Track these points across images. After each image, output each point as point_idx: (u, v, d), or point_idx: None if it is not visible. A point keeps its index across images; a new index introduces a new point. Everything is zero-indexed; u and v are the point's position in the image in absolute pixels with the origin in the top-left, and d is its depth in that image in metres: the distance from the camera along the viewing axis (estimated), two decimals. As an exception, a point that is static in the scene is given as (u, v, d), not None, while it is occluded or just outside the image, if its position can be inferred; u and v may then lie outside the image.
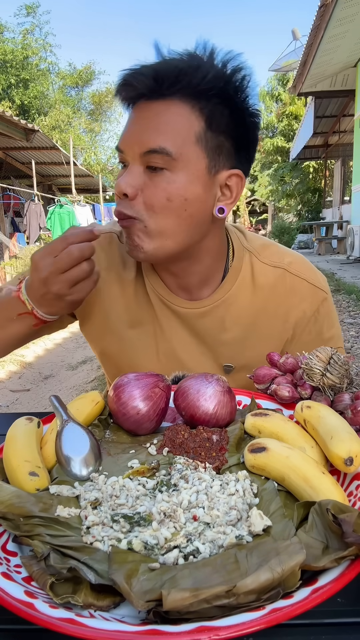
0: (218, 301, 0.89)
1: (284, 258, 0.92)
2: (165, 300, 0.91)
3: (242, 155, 0.81)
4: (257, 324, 0.91)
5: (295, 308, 0.90)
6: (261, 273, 0.90)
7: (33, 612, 0.37)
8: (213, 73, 0.74)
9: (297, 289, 0.90)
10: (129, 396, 0.66)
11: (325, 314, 0.92)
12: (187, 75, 0.73)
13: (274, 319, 0.91)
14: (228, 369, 0.92)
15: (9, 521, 0.47)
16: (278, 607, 0.37)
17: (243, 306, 0.90)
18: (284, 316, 0.90)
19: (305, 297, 0.90)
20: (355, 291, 6.14)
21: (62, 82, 25.28)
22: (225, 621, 0.36)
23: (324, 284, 0.93)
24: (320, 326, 0.92)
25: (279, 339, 0.92)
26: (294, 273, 0.91)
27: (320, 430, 0.58)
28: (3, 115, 8.23)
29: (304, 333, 0.91)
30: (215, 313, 0.90)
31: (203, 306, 0.90)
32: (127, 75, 0.75)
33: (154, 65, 0.75)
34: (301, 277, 0.91)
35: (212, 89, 0.74)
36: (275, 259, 0.92)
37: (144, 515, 0.48)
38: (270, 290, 0.90)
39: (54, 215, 11.47)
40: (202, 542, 0.45)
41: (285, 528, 0.46)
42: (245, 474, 0.55)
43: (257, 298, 0.90)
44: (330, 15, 6.58)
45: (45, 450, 0.61)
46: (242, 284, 0.90)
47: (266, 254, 0.92)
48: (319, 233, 13.79)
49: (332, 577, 0.40)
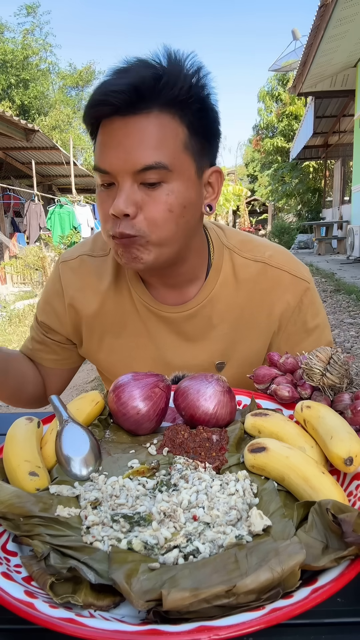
0: (204, 301, 0.91)
1: (264, 252, 0.94)
2: (152, 307, 0.92)
3: (214, 150, 0.83)
4: (243, 319, 0.92)
5: (279, 300, 0.92)
6: (242, 268, 0.92)
7: (33, 612, 0.37)
8: (189, 80, 0.74)
9: (279, 281, 0.92)
10: (129, 396, 0.66)
11: (309, 304, 0.93)
12: (167, 86, 0.72)
13: (259, 312, 0.92)
14: (220, 367, 0.94)
15: (9, 521, 0.48)
16: (278, 606, 0.37)
17: (228, 302, 0.92)
18: (268, 309, 0.92)
19: (288, 288, 0.92)
20: (355, 291, 6.14)
21: (62, 82, 25.28)
22: (225, 621, 0.36)
23: (306, 274, 0.95)
24: (304, 316, 0.93)
25: (266, 331, 0.94)
26: (275, 265, 0.92)
27: (320, 430, 0.58)
28: (3, 115, 8.23)
29: (289, 324, 0.93)
30: (202, 313, 0.92)
31: (189, 308, 0.91)
32: (101, 94, 0.73)
33: (128, 79, 0.72)
34: (282, 269, 0.92)
35: (191, 97, 0.74)
36: (255, 253, 0.93)
37: (144, 515, 0.48)
38: (253, 285, 0.92)
39: (54, 215, 11.46)
40: (202, 542, 0.45)
41: (285, 528, 0.46)
42: (245, 474, 0.55)
43: (240, 293, 0.92)
44: (330, 15, 6.58)
45: (45, 450, 0.61)
46: (225, 280, 0.92)
47: (246, 249, 0.94)
48: (319, 233, 13.79)
49: (332, 577, 0.40)
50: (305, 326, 0.93)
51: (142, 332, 0.94)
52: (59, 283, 0.99)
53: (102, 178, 0.78)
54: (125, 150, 0.73)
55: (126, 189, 0.74)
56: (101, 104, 0.73)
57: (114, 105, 0.72)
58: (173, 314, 0.91)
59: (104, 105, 0.73)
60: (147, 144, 0.73)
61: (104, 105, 0.73)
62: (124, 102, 0.72)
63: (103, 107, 0.74)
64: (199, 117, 0.77)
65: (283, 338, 0.93)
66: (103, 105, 0.73)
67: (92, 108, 0.75)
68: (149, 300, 0.92)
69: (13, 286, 9.71)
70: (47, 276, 8.51)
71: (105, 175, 0.77)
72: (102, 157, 0.76)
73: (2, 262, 9.78)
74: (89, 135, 0.83)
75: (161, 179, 0.74)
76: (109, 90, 0.72)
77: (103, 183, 0.78)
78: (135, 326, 0.94)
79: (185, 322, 0.92)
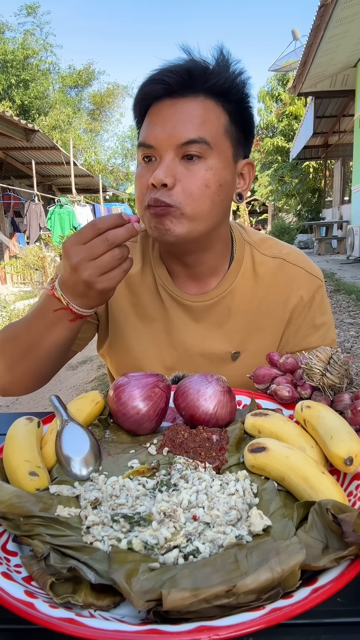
0: (225, 292, 0.96)
1: (282, 249, 1.01)
2: (175, 295, 0.96)
3: (249, 145, 0.91)
4: (260, 310, 0.97)
5: (294, 294, 0.97)
6: (261, 264, 0.98)
7: (33, 612, 0.37)
8: (233, 74, 0.83)
9: (295, 277, 0.98)
10: (129, 396, 0.66)
11: (320, 301, 0.99)
12: (214, 75, 0.81)
13: (275, 305, 0.97)
14: (235, 356, 0.98)
15: (9, 521, 0.47)
16: (278, 606, 0.37)
17: (246, 295, 0.97)
18: (283, 302, 0.97)
19: (303, 284, 0.98)
20: (355, 291, 6.14)
21: (62, 82, 25.27)
22: (225, 621, 0.36)
23: (319, 273, 1.01)
24: (314, 312, 0.98)
25: (280, 323, 0.98)
26: (292, 262, 0.99)
27: (320, 430, 0.58)
28: (3, 115, 8.23)
29: (299, 317, 0.98)
30: (222, 303, 0.96)
31: (211, 298, 0.96)
32: (158, 74, 0.81)
33: (184, 64, 0.81)
34: (299, 265, 0.99)
35: (232, 88, 0.83)
36: (273, 250, 1.00)
37: (144, 515, 0.48)
38: (271, 279, 0.97)
39: (54, 215, 11.46)
40: (202, 542, 0.45)
41: (285, 528, 0.46)
42: (245, 474, 0.55)
43: (258, 287, 0.97)
44: (330, 15, 6.58)
45: (45, 450, 0.61)
46: (245, 274, 0.97)
47: (265, 246, 1.01)
48: (319, 233, 13.79)
49: (332, 577, 0.40)
50: (313, 322, 0.98)
51: (164, 318, 0.98)
52: None
53: (144, 152, 0.83)
54: (172, 125, 0.80)
55: (167, 160, 0.80)
56: (155, 82, 0.81)
57: (167, 84, 0.80)
58: (195, 302, 0.96)
59: (158, 83, 0.81)
60: (192, 121, 0.80)
61: (158, 83, 0.81)
62: (176, 82, 0.80)
63: (156, 86, 0.81)
64: (239, 108, 0.85)
65: (292, 331, 0.98)
66: (157, 83, 0.81)
67: (147, 86, 0.82)
68: (171, 288, 0.97)
69: (13, 286, 9.71)
70: (47, 276, 8.53)
71: (148, 150, 0.82)
72: (148, 132, 0.82)
73: (2, 262, 9.78)
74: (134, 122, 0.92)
75: (201, 154, 0.80)
76: (164, 71, 0.81)
77: (144, 157, 0.84)
78: (157, 311, 0.98)
79: (206, 311, 0.96)
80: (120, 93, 27.28)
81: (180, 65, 0.81)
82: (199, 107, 0.81)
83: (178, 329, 0.97)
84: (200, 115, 0.80)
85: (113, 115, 28.13)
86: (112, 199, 21.71)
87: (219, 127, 0.82)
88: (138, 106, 0.87)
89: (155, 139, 0.81)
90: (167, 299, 0.97)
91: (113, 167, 27.07)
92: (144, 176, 0.83)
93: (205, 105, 0.81)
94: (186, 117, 0.80)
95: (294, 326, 0.98)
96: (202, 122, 0.80)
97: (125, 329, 1.00)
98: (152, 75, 0.83)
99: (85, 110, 26.90)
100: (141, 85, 0.85)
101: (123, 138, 29.91)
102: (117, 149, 30.24)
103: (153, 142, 0.81)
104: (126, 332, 1.00)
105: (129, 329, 1.00)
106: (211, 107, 0.82)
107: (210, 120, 0.81)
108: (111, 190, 20.99)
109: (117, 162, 29.82)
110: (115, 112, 27.93)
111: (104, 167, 25.01)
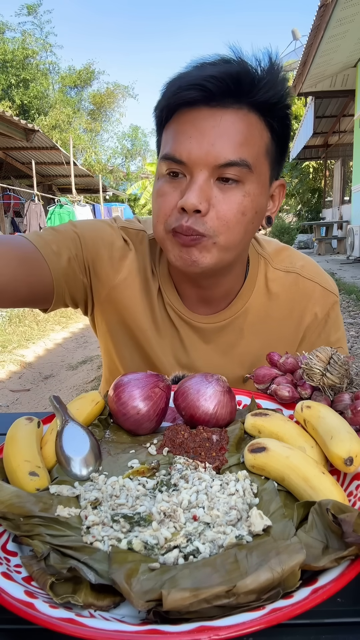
0: (237, 313, 0.89)
1: (296, 262, 0.93)
2: (184, 316, 0.89)
3: (282, 163, 0.81)
4: (273, 330, 0.92)
5: (308, 312, 0.92)
6: (274, 280, 0.91)
7: (33, 612, 0.37)
8: (282, 86, 0.72)
9: (310, 293, 0.91)
10: (129, 396, 0.66)
11: (335, 317, 0.94)
12: (264, 87, 0.70)
13: (289, 323, 0.92)
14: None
15: (9, 521, 0.47)
16: (278, 607, 0.37)
17: (259, 314, 0.91)
18: (297, 320, 0.92)
19: (318, 301, 0.92)
20: (355, 291, 6.14)
21: (62, 82, 25.26)
22: (225, 621, 0.36)
23: (335, 288, 0.95)
24: (329, 329, 0.93)
25: (293, 343, 0.93)
26: (307, 277, 0.92)
27: (320, 430, 0.57)
28: (3, 115, 8.23)
29: (313, 335, 0.93)
30: (234, 324, 0.90)
31: (223, 319, 0.89)
32: (197, 78, 0.68)
33: (231, 68, 0.69)
34: (314, 280, 0.92)
35: (279, 104, 0.73)
36: (287, 263, 0.93)
37: (144, 515, 0.48)
38: (285, 296, 0.91)
39: (54, 215, 11.46)
40: (202, 542, 0.45)
41: (285, 528, 0.46)
42: (245, 474, 0.54)
43: (272, 305, 0.91)
44: (330, 15, 6.58)
45: (45, 450, 0.61)
46: (258, 292, 0.91)
47: (279, 259, 0.93)
48: (319, 233, 13.79)
49: (332, 577, 0.40)
50: (328, 339, 0.93)
51: (172, 336, 0.91)
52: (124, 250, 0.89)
53: (171, 166, 0.72)
54: (210, 141, 0.69)
55: (200, 181, 0.70)
56: (193, 88, 0.68)
57: (208, 91, 0.68)
58: (206, 324, 0.89)
59: (196, 89, 0.68)
60: (235, 139, 0.69)
61: (196, 89, 0.68)
62: (220, 90, 0.68)
63: (193, 92, 0.68)
64: (282, 125, 0.75)
65: (306, 348, 0.92)
66: (195, 89, 0.68)
67: (182, 91, 0.69)
68: (180, 308, 0.89)
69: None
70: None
71: (175, 164, 0.72)
72: (178, 145, 0.71)
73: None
74: (154, 125, 0.79)
75: (240, 178, 0.71)
76: (206, 75, 0.68)
77: (169, 172, 0.73)
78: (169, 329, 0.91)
79: (217, 333, 0.90)
80: (121, 93, 27.28)
81: (226, 72, 0.68)
82: (242, 123, 0.70)
83: (188, 349, 0.91)
84: (243, 132, 0.70)
85: (113, 115, 28.15)
86: (112, 199, 21.73)
87: (261, 146, 0.72)
88: (165, 110, 0.74)
89: (188, 155, 0.70)
90: (176, 319, 0.90)
91: (113, 167, 27.09)
92: (169, 195, 0.73)
93: (248, 121, 0.71)
94: (228, 133, 0.69)
95: (307, 344, 0.93)
96: (245, 140, 0.70)
97: (129, 333, 0.92)
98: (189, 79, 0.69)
99: (85, 110, 26.90)
100: (170, 86, 0.72)
101: (123, 137, 29.94)
102: (117, 149, 30.28)
103: (186, 158, 0.70)
104: (129, 335, 0.92)
105: (134, 334, 0.92)
106: (254, 122, 0.71)
107: (253, 138, 0.71)
108: (111, 190, 21.01)
109: (117, 162, 29.85)
110: (115, 112, 27.94)
111: (104, 167, 25.03)
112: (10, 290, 0.75)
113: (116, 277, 0.89)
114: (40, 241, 0.82)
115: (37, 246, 0.81)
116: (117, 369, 0.98)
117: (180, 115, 0.72)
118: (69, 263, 0.84)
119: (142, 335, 0.91)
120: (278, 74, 0.72)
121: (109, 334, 0.95)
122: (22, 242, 0.81)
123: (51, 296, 0.84)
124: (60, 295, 0.85)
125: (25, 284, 0.78)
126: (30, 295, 0.80)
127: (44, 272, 0.80)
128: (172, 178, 0.73)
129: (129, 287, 0.89)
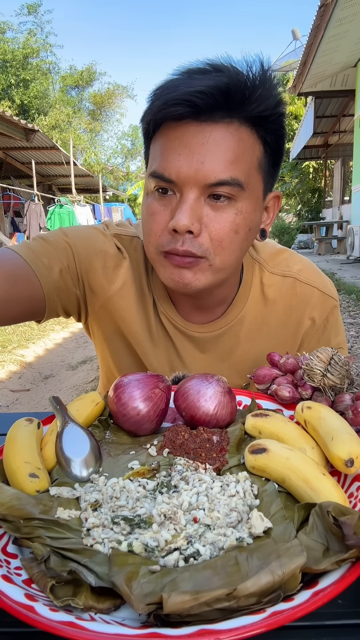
0: (233, 320, 0.88)
1: (293, 266, 0.91)
2: (179, 325, 0.88)
3: (276, 174, 0.79)
4: (270, 336, 0.90)
5: (306, 317, 0.90)
6: (270, 285, 0.89)
7: (33, 615, 0.37)
8: (275, 97, 0.69)
9: (308, 298, 0.89)
10: (129, 397, 0.66)
11: (334, 322, 0.92)
12: (256, 99, 0.66)
13: (286, 329, 0.90)
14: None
15: (9, 523, 0.47)
16: (279, 610, 0.37)
17: (255, 321, 0.89)
18: (295, 325, 0.90)
19: (316, 306, 0.90)
20: (355, 291, 6.14)
21: (63, 82, 25.27)
22: (226, 624, 0.36)
23: (334, 291, 0.92)
24: (328, 334, 0.91)
25: (292, 347, 0.92)
26: (304, 281, 0.89)
27: (320, 431, 0.57)
28: (3, 115, 8.23)
29: (312, 340, 0.91)
30: (230, 332, 0.89)
31: (218, 328, 0.88)
32: (182, 93, 0.65)
33: (219, 81, 0.65)
34: (312, 285, 0.89)
35: (273, 116, 0.70)
36: (284, 267, 0.90)
37: (144, 517, 0.48)
38: (282, 302, 0.89)
39: (54, 215, 11.46)
40: (202, 544, 0.45)
41: (285, 530, 0.46)
42: (245, 475, 0.54)
43: (269, 311, 0.90)
44: (330, 15, 6.58)
45: (46, 452, 0.61)
46: (254, 298, 0.89)
47: (275, 262, 0.90)
48: (319, 233, 13.79)
49: (333, 579, 0.40)
50: (328, 345, 0.91)
51: (167, 345, 0.90)
52: (118, 258, 0.87)
53: (160, 184, 0.70)
54: (199, 160, 0.66)
55: (190, 201, 0.68)
56: (179, 104, 0.65)
57: (196, 107, 0.65)
58: (202, 333, 0.88)
59: (183, 105, 0.65)
60: (224, 156, 0.67)
61: (183, 105, 0.65)
62: (208, 105, 0.65)
63: (180, 108, 0.65)
64: (275, 136, 0.73)
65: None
66: (181, 105, 0.65)
67: (167, 107, 0.66)
68: (174, 317, 0.88)
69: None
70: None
71: (164, 182, 0.70)
72: (167, 164, 0.68)
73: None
74: (142, 136, 0.75)
75: (232, 195, 0.69)
76: (194, 90, 0.64)
77: (157, 189, 0.71)
78: (164, 340, 0.90)
79: (212, 342, 0.89)
80: (121, 94, 27.28)
81: (215, 85, 0.64)
82: (233, 138, 0.67)
83: (184, 359, 0.90)
84: (234, 149, 0.67)
85: (113, 115, 28.16)
86: (112, 199, 21.74)
87: (253, 161, 0.70)
88: (152, 123, 0.71)
89: (177, 174, 0.67)
90: (171, 329, 0.88)
91: (113, 167, 27.09)
92: (160, 214, 0.71)
93: (239, 136, 0.68)
94: (217, 150, 0.66)
95: (306, 350, 0.91)
96: (236, 158, 0.67)
97: (124, 341, 0.91)
98: (175, 94, 0.65)
99: (86, 110, 26.91)
100: (156, 98, 0.68)
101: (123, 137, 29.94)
102: (117, 149, 30.28)
103: (175, 176, 0.68)
104: (125, 344, 0.91)
105: (129, 343, 0.91)
106: (246, 137, 0.69)
107: (244, 154, 0.68)
108: (111, 190, 21.01)
109: (117, 162, 29.85)
110: (115, 112, 27.94)
111: (104, 167, 25.03)
112: (1, 309, 0.74)
113: (110, 288, 0.87)
114: (30, 254, 0.80)
115: (27, 260, 0.78)
116: (114, 375, 0.98)
117: (167, 129, 0.69)
118: (60, 275, 0.82)
119: (137, 345, 0.90)
120: (271, 83, 0.69)
121: (106, 343, 0.95)
122: (11, 257, 0.79)
123: (43, 309, 0.83)
124: (52, 308, 0.84)
125: (15, 302, 0.76)
126: (22, 312, 0.79)
127: (34, 287, 0.78)
128: (161, 195, 0.71)
129: (124, 297, 0.88)
